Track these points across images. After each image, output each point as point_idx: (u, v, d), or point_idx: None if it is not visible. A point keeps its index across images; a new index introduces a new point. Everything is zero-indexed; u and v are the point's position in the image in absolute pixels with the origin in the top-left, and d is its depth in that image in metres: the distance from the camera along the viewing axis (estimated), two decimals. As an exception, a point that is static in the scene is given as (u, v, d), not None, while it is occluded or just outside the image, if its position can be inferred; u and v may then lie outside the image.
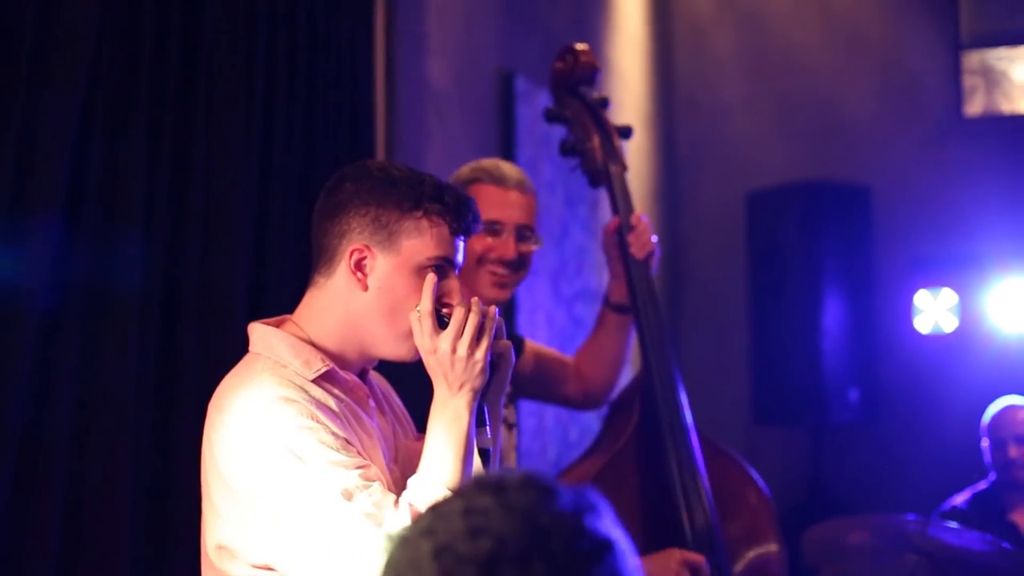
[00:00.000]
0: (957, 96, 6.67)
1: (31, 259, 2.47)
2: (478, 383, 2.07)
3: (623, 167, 3.40)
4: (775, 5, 7.17)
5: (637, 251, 3.26)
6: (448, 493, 1.23)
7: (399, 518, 1.94)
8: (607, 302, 3.37)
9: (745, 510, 3.28)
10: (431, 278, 2.10)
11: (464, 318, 2.07)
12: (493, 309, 2.12)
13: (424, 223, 2.12)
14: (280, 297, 3.18)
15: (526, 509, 1.17)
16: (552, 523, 1.16)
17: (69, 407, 2.58)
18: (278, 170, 3.28)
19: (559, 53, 3.47)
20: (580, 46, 3.46)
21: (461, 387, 2.07)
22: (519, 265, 3.04)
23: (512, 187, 3.03)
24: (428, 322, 2.08)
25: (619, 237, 3.29)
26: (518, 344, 3.27)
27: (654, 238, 3.31)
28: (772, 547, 3.31)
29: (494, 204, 2.99)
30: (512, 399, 3.21)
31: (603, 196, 4.85)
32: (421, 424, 2.19)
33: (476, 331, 2.07)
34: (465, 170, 3.08)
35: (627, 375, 3.53)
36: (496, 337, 2.12)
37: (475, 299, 2.11)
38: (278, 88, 3.29)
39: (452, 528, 1.16)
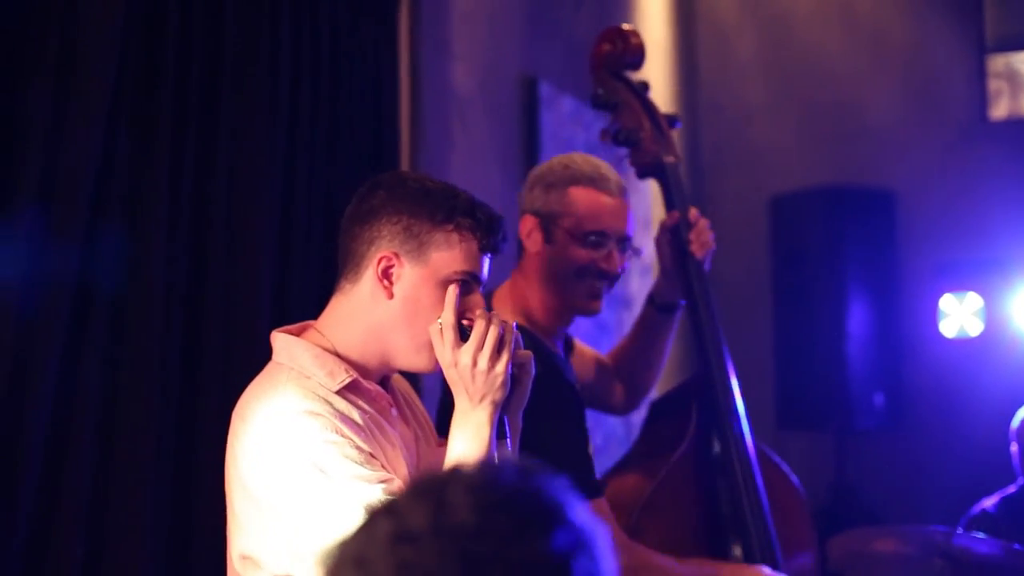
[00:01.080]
0: (982, 99, 6.64)
1: (56, 262, 2.49)
2: (499, 396, 2.07)
3: (677, 157, 3.22)
4: (798, 9, 7.15)
5: (697, 248, 3.12)
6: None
7: None
8: (653, 302, 3.21)
9: (791, 515, 3.20)
10: (453, 290, 2.10)
11: (485, 331, 2.06)
12: (512, 322, 2.11)
13: (455, 236, 2.12)
14: (304, 301, 3.18)
15: (463, 534, 1.04)
16: (491, 552, 1.03)
17: (93, 409, 2.59)
18: (302, 175, 3.29)
19: (603, 35, 3.27)
20: (628, 27, 3.28)
21: (482, 399, 2.06)
22: (617, 277, 2.88)
23: (616, 194, 2.83)
24: (450, 335, 2.07)
25: (673, 234, 3.14)
26: (569, 345, 3.12)
27: (712, 236, 3.17)
28: (809, 551, 3.26)
29: (598, 212, 2.81)
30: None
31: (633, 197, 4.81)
32: (445, 429, 2.19)
33: (496, 344, 2.06)
34: (558, 169, 2.86)
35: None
36: (515, 348, 2.11)
37: (494, 312, 2.11)
38: (302, 93, 3.30)
39: (381, 559, 1.05)
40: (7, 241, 2.41)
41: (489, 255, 2.17)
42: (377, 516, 1.10)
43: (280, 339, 2.17)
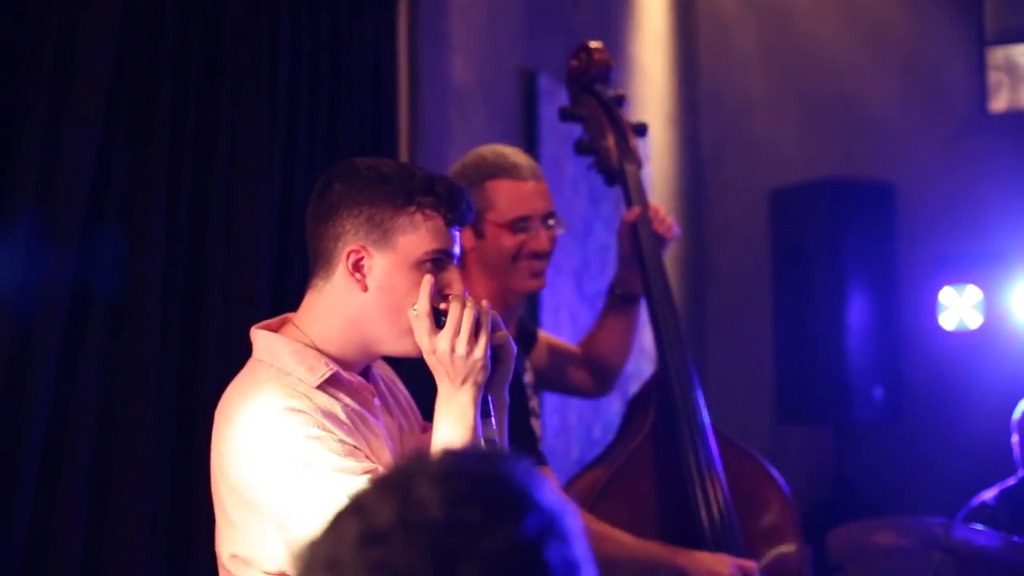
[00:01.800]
0: (982, 92, 6.64)
1: (55, 262, 2.48)
2: (481, 377, 2.08)
3: (638, 165, 3.37)
4: (798, 1, 7.15)
5: (664, 230, 3.27)
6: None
7: None
8: (613, 292, 3.35)
9: (765, 509, 3.26)
10: (428, 278, 2.10)
11: (460, 316, 2.06)
12: (486, 303, 2.11)
13: (418, 217, 2.11)
14: (303, 299, 3.18)
15: (432, 528, 1.03)
16: (463, 544, 1.02)
17: (92, 410, 2.59)
18: (301, 170, 3.28)
19: (574, 51, 3.45)
20: (594, 44, 3.44)
21: (464, 382, 2.07)
22: (550, 252, 3.03)
23: (528, 177, 3.00)
24: (425, 322, 2.07)
25: (634, 230, 3.27)
26: (532, 338, 3.26)
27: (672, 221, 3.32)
28: (792, 546, 3.29)
29: (517, 200, 2.97)
30: (536, 391, 3.20)
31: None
32: (429, 413, 2.19)
33: (473, 327, 2.06)
34: (471, 167, 3.02)
35: (644, 369, 3.52)
36: (493, 329, 2.11)
37: (469, 296, 2.11)
38: (301, 88, 3.29)
39: (352, 561, 1.04)
40: (4, 244, 2.40)
41: (458, 228, 2.17)
42: (344, 516, 1.10)
43: (260, 336, 2.17)
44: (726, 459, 3.17)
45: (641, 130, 3.43)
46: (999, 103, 6.67)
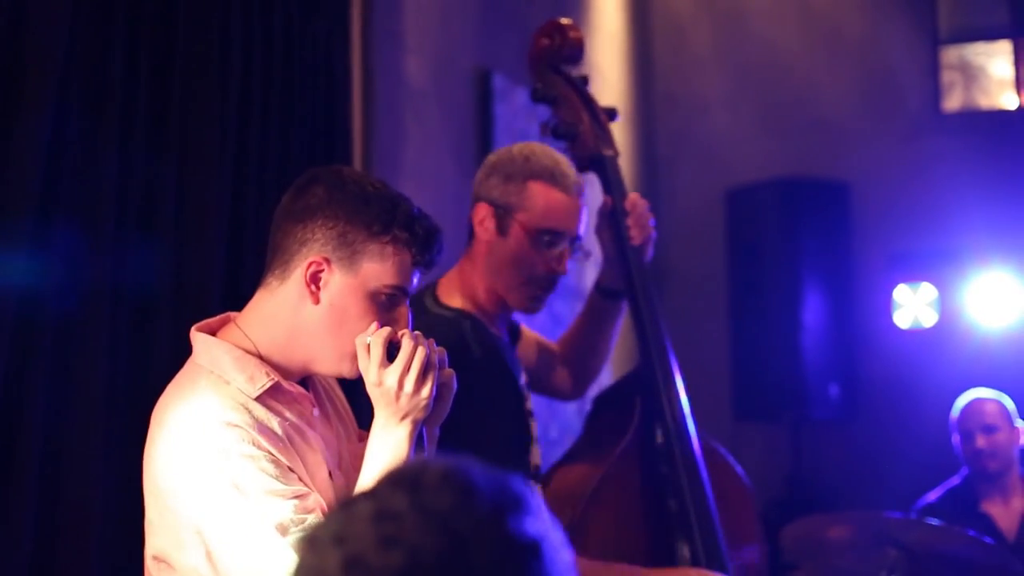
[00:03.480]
0: (935, 92, 6.70)
1: (2, 262, 2.45)
2: (421, 415, 2.04)
3: (615, 151, 3.22)
4: (753, 1, 7.18)
5: (636, 235, 3.09)
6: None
7: None
8: (598, 287, 3.19)
9: (734, 506, 3.21)
10: (374, 326, 2.06)
11: (412, 352, 2.03)
12: (432, 342, 2.07)
13: (389, 249, 2.07)
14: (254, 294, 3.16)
15: (443, 513, 1.08)
16: (472, 530, 1.07)
17: (42, 410, 2.56)
18: (253, 170, 3.25)
19: (542, 29, 3.25)
20: (566, 21, 3.27)
21: (404, 418, 2.03)
22: (559, 279, 2.87)
23: (573, 193, 2.81)
24: (378, 352, 2.04)
25: (612, 221, 3.11)
26: (517, 333, 3.12)
27: (652, 222, 3.14)
28: (756, 544, 3.27)
29: (555, 211, 2.79)
30: (528, 391, 3.09)
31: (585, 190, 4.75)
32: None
33: (423, 366, 2.03)
34: (517, 160, 2.82)
35: (603, 377, 3.48)
36: (439, 367, 2.08)
37: (419, 333, 2.07)
38: (253, 87, 3.27)
39: (363, 535, 1.07)
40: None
41: (422, 270, 2.12)
42: (356, 499, 1.12)
43: (200, 339, 2.12)
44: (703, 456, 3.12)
45: (612, 114, 3.26)
46: (953, 102, 6.73)
